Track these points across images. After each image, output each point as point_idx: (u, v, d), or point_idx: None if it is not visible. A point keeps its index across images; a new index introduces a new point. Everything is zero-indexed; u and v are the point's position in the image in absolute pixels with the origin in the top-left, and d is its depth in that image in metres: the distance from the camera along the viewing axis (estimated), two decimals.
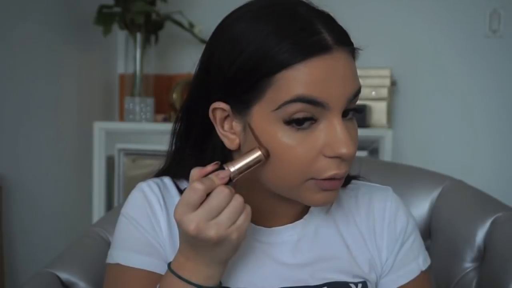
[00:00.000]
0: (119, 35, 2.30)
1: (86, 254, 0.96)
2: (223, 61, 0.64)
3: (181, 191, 0.74)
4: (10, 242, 1.78)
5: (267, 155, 0.63)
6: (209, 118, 0.67)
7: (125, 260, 0.71)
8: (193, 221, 0.59)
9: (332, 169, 0.63)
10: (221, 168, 0.63)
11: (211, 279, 0.63)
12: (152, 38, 2.13)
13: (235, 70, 0.62)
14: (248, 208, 0.62)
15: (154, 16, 2.09)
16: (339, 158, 0.63)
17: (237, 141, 0.67)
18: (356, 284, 0.72)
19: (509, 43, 2.03)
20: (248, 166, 0.63)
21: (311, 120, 0.62)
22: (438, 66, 2.10)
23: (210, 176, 0.61)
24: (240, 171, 0.63)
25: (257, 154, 0.63)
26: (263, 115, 0.62)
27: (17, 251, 1.82)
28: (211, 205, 0.59)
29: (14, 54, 1.81)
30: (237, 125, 0.66)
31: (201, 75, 0.69)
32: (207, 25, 2.11)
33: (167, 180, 0.76)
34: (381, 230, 0.76)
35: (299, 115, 0.61)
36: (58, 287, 0.89)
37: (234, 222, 0.60)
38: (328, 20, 0.64)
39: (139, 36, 2.06)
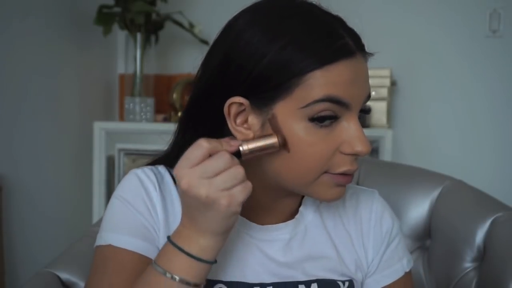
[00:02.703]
0: (119, 35, 2.31)
1: (86, 254, 0.95)
2: (246, 59, 0.65)
3: (176, 181, 0.73)
4: (10, 242, 1.78)
5: (282, 144, 0.64)
6: (218, 113, 0.68)
7: (118, 242, 0.69)
8: (186, 175, 0.58)
9: (346, 165, 0.67)
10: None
11: (204, 251, 0.62)
12: (152, 38, 2.13)
13: (263, 68, 0.64)
14: (248, 183, 0.60)
15: (154, 16, 2.09)
16: (355, 155, 0.67)
17: (251, 135, 0.67)
18: (343, 282, 0.75)
19: (509, 43, 2.03)
20: (260, 149, 0.63)
21: (334, 118, 0.65)
22: (438, 66, 2.11)
23: (219, 140, 0.61)
24: (252, 150, 0.63)
25: (273, 140, 0.63)
26: (288, 111, 0.64)
27: (17, 251, 1.82)
28: (209, 165, 0.59)
29: (14, 54, 1.81)
30: (254, 120, 0.67)
31: (215, 71, 0.68)
32: (207, 25, 2.11)
33: (161, 168, 0.76)
34: (367, 231, 0.79)
35: (325, 113, 0.64)
36: (58, 287, 0.89)
37: (228, 189, 0.59)
38: (345, 25, 0.68)
39: (139, 36, 2.06)
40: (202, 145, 0.59)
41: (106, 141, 2.04)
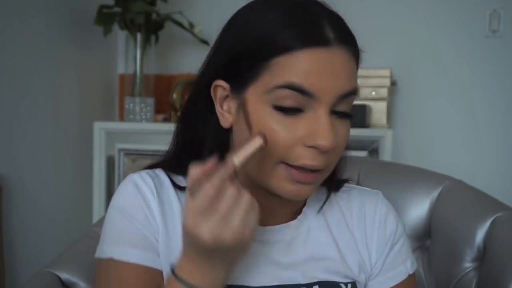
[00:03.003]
0: (119, 35, 2.31)
1: (86, 254, 0.95)
2: (230, 42, 0.68)
3: (175, 184, 0.74)
4: (10, 242, 1.78)
5: (265, 140, 0.63)
6: (210, 101, 0.70)
7: (119, 255, 0.69)
8: (207, 231, 0.56)
9: (306, 159, 0.64)
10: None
11: (220, 280, 0.62)
12: (152, 38, 2.13)
13: (239, 50, 0.66)
14: (256, 205, 0.60)
15: (154, 16, 2.09)
16: (317, 149, 0.64)
17: (230, 119, 0.69)
18: (346, 284, 0.74)
19: (509, 43, 2.03)
20: (250, 156, 0.62)
21: (297, 110, 0.64)
22: (438, 66, 2.11)
23: (215, 174, 0.58)
24: (243, 162, 0.61)
25: (259, 142, 0.62)
26: (256, 96, 0.65)
27: (17, 251, 1.82)
28: (221, 207, 0.57)
29: (14, 55, 1.81)
30: (232, 104, 0.68)
31: (209, 57, 0.71)
32: (207, 25, 2.11)
33: (159, 172, 0.76)
34: (371, 232, 0.78)
35: (286, 103, 0.63)
36: (58, 287, 0.89)
37: (247, 223, 0.58)
38: (334, 18, 0.66)
39: (139, 36, 2.06)
40: (207, 194, 0.56)
41: (106, 141, 2.04)
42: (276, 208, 0.74)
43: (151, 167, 0.77)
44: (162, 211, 0.72)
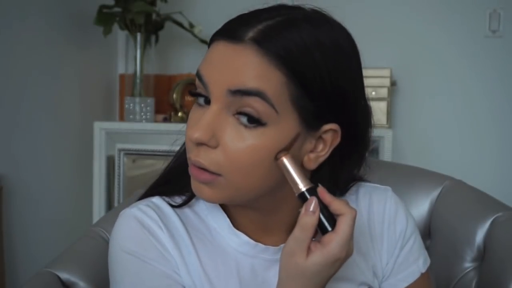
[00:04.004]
0: (119, 35, 2.30)
1: (86, 254, 0.96)
2: None
3: (174, 206, 0.71)
4: (10, 242, 1.78)
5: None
6: None
7: None
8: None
9: (190, 152, 0.63)
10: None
11: None
12: (152, 38, 2.13)
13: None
14: None
15: (154, 16, 2.09)
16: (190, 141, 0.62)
17: None
18: None
19: (509, 43, 2.03)
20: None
21: (203, 97, 0.63)
22: (438, 66, 2.11)
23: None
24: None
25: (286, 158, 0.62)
26: None
27: (17, 251, 1.82)
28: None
29: (14, 55, 1.80)
30: None
31: None
32: (207, 25, 2.11)
33: (156, 200, 0.72)
34: (381, 233, 0.75)
35: (195, 90, 0.64)
36: (58, 287, 0.89)
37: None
38: (272, 23, 0.61)
39: (139, 36, 2.06)
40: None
41: (106, 141, 2.04)
42: (283, 226, 0.71)
43: (143, 197, 0.74)
44: (175, 243, 0.68)
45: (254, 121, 0.60)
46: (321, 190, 0.60)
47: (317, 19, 0.63)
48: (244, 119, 0.60)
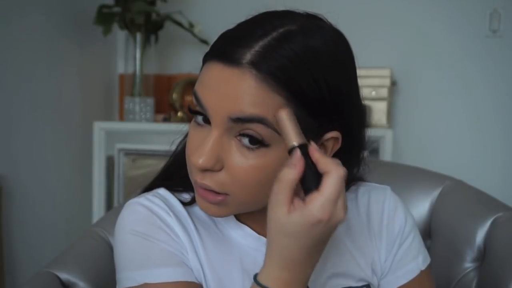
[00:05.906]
0: (119, 35, 2.30)
1: (86, 254, 0.96)
2: None
3: (182, 202, 0.72)
4: (10, 242, 1.78)
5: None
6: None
7: (154, 278, 0.64)
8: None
9: (194, 174, 0.64)
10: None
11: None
12: (152, 38, 2.13)
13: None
14: None
15: (154, 16, 2.09)
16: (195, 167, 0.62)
17: None
18: (360, 287, 0.73)
19: (509, 43, 2.03)
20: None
21: (207, 122, 0.62)
22: (438, 66, 2.11)
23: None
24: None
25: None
26: None
27: (17, 251, 1.82)
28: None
29: (13, 54, 1.80)
30: None
31: None
32: (207, 25, 2.11)
33: (162, 191, 0.73)
34: (379, 231, 0.76)
35: (193, 108, 0.63)
36: (58, 287, 0.89)
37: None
38: (271, 44, 0.59)
39: (139, 36, 2.06)
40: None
41: (106, 141, 2.04)
42: None
43: (148, 189, 0.75)
44: (184, 228, 0.69)
45: (257, 142, 0.60)
46: (312, 147, 0.57)
47: (310, 27, 0.62)
48: (246, 140, 0.60)
